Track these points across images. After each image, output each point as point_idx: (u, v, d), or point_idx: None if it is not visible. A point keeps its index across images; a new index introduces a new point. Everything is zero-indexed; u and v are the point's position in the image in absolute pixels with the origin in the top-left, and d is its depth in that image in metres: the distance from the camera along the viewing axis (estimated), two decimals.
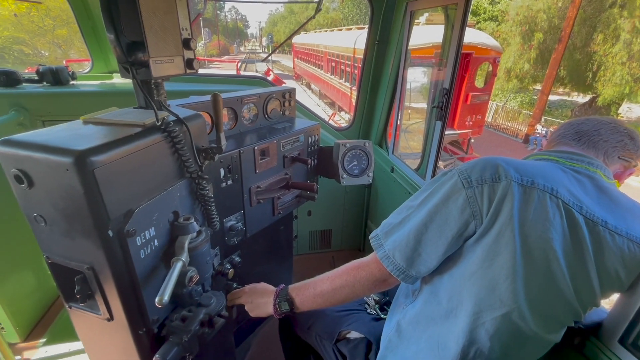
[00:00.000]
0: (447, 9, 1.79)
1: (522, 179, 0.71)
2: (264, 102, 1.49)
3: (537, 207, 0.69)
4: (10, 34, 13.55)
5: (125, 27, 0.80)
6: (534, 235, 0.69)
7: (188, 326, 0.94)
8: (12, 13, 12.40)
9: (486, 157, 0.77)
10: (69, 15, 13.45)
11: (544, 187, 0.70)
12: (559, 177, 0.74)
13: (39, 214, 0.76)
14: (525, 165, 0.74)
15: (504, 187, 0.70)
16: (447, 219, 0.73)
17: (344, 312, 1.16)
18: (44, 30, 14.26)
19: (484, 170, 0.73)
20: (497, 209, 0.70)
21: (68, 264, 0.81)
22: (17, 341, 1.83)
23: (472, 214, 0.71)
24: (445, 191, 0.75)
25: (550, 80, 12.64)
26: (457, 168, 0.76)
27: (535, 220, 0.69)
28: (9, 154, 0.71)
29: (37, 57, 14.48)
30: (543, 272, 0.70)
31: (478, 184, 0.72)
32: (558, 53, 12.20)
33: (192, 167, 0.94)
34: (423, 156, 2.00)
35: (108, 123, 0.85)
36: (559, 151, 0.86)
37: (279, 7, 65.77)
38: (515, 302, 0.71)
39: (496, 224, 0.70)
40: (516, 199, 0.69)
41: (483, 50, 7.88)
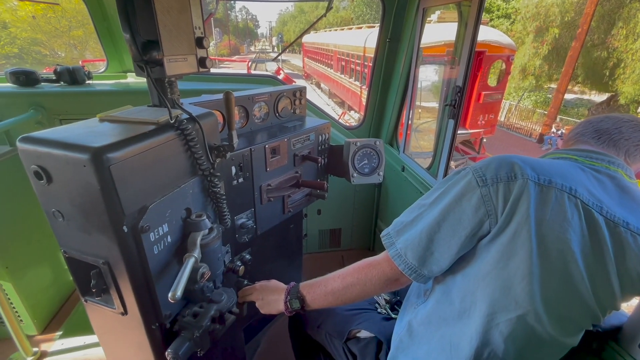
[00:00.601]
0: (460, 5, 1.76)
1: (539, 178, 0.69)
2: (274, 100, 1.49)
3: (554, 207, 0.67)
4: (29, 36, 13.97)
5: (140, 27, 0.81)
6: (552, 236, 0.67)
7: (199, 322, 0.95)
8: (30, 15, 12.77)
9: (501, 155, 0.75)
10: (84, 16, 13.80)
11: (562, 186, 0.68)
12: (578, 177, 0.72)
13: (57, 209, 0.78)
14: (542, 164, 0.72)
15: (520, 186, 0.68)
16: (461, 217, 0.72)
17: (354, 311, 1.16)
18: (61, 31, 14.65)
19: (499, 168, 0.71)
20: (512, 208, 0.68)
21: (84, 258, 0.83)
22: (34, 333, 1.89)
23: (487, 212, 0.70)
24: (459, 190, 0.73)
25: (567, 78, 12.30)
26: (471, 166, 0.75)
27: (553, 221, 0.67)
28: (29, 151, 0.73)
29: (53, 57, 14.90)
30: (560, 274, 0.68)
31: (493, 182, 0.70)
32: (575, 50, 11.87)
33: (204, 164, 0.95)
34: (435, 155, 1.97)
35: (123, 121, 0.87)
36: (578, 150, 0.84)
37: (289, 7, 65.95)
38: (531, 304, 0.69)
39: (512, 223, 0.68)
40: (533, 198, 0.67)
41: (496, 48, 7.74)
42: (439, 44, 6.80)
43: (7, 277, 1.69)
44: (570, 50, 12.20)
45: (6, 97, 1.93)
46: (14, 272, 1.73)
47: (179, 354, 0.90)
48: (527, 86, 16.21)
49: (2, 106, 1.92)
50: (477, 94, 8.01)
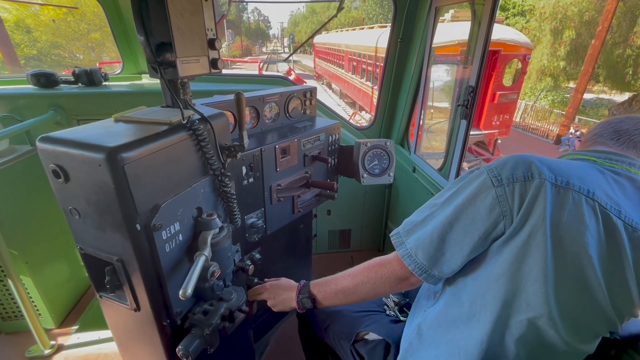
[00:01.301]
0: (474, 4, 1.73)
1: (556, 179, 0.66)
2: (285, 101, 1.50)
3: (571, 209, 0.65)
4: (49, 39, 14.47)
5: (154, 29, 0.83)
6: (568, 239, 0.65)
7: (209, 319, 0.96)
8: (51, 19, 13.23)
9: (518, 154, 0.73)
10: (101, 20, 14.23)
11: (580, 188, 0.66)
12: (596, 179, 0.70)
13: (73, 207, 0.80)
14: (560, 165, 0.70)
15: (537, 186, 0.66)
16: (474, 218, 0.71)
17: (362, 312, 1.15)
18: (79, 34, 15.14)
19: (515, 168, 0.69)
20: (528, 208, 0.66)
21: (99, 255, 0.85)
22: (52, 327, 1.95)
23: (502, 213, 0.68)
24: (473, 189, 0.71)
25: (586, 78, 11.91)
26: (485, 166, 0.73)
27: (570, 223, 0.65)
28: (47, 150, 0.75)
29: (72, 59, 15.39)
30: (576, 278, 0.67)
31: (509, 183, 0.68)
32: (595, 49, 11.48)
33: (215, 164, 0.97)
34: (447, 156, 1.95)
35: (137, 121, 0.89)
36: (597, 151, 0.81)
37: (300, 8, 66.18)
38: (544, 308, 0.68)
39: (527, 224, 0.66)
40: (549, 200, 0.65)
41: (512, 47, 7.56)
42: (453, 43, 6.70)
43: (26, 272, 1.76)
44: (590, 48, 11.81)
45: (27, 99, 2.00)
46: (33, 267, 1.79)
47: (189, 351, 0.91)
48: (543, 86, 15.78)
49: (24, 107, 1.99)
50: (492, 94, 7.85)
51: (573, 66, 14.72)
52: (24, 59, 13.61)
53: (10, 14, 12.69)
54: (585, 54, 12.39)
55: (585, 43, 13.57)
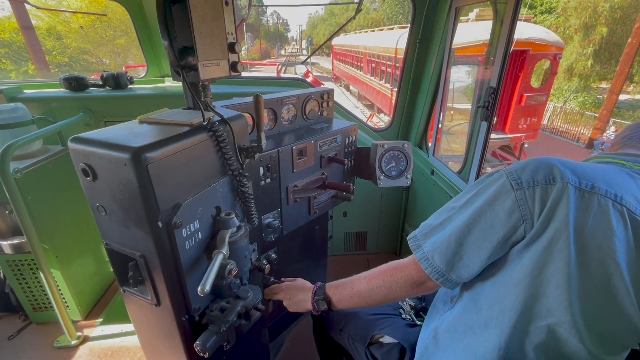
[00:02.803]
0: (496, 3, 1.69)
1: (580, 182, 0.64)
2: (302, 103, 1.51)
3: (597, 214, 0.62)
4: (78, 45, 15.19)
5: (178, 34, 0.86)
6: (593, 245, 0.62)
7: (226, 317, 0.98)
8: (79, 26, 13.89)
9: (539, 157, 0.71)
10: (127, 26, 14.83)
11: (607, 192, 0.63)
12: (625, 182, 0.66)
13: (100, 204, 0.84)
14: (584, 168, 0.67)
15: (559, 190, 0.64)
16: (493, 222, 0.69)
17: (378, 315, 1.15)
18: (106, 40, 15.81)
19: (536, 171, 0.67)
20: (550, 213, 0.64)
21: (123, 251, 0.89)
22: (78, 319, 2.05)
23: (522, 217, 0.66)
24: (492, 192, 0.70)
25: (622, 78, 11.22)
26: (505, 169, 0.71)
27: (595, 229, 0.62)
28: (78, 150, 0.79)
29: (99, 64, 16.10)
30: (602, 286, 0.64)
31: (529, 186, 0.66)
32: (632, 47, 10.81)
33: (234, 164, 0.99)
34: (466, 158, 1.91)
35: (160, 122, 0.92)
36: (626, 154, 0.77)
37: (319, 10, 66.53)
38: (565, 315, 0.65)
39: (549, 229, 0.64)
40: (573, 204, 0.62)
41: (541, 47, 7.15)
42: (478, 43, 6.46)
43: (56, 265, 1.85)
44: (626, 47, 11.15)
45: (60, 101, 2.12)
46: (63, 261, 1.89)
47: (206, 347, 0.94)
48: (572, 86, 15.05)
49: (56, 109, 2.10)
50: (519, 96, 7.51)
51: (605, 65, 13.97)
52: (57, 67, 14.32)
53: (42, 21, 13.42)
54: (617, 53, 11.73)
55: (618, 41, 12.87)
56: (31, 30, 5.47)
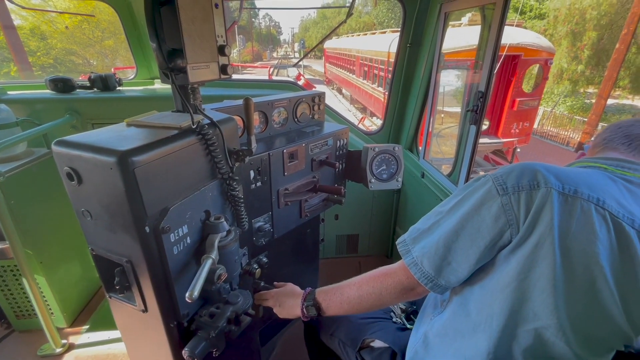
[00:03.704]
0: (484, 9, 1.72)
1: (563, 187, 0.65)
2: (293, 106, 1.51)
3: (580, 218, 0.63)
4: (64, 46, 14.85)
5: (166, 36, 0.85)
6: (577, 249, 0.63)
7: (216, 322, 0.97)
8: (64, 27, 13.59)
9: (524, 162, 0.72)
10: (115, 27, 14.54)
11: (589, 197, 0.64)
12: (607, 187, 0.68)
13: (86, 209, 0.82)
14: (567, 173, 0.69)
15: (543, 195, 0.65)
16: (480, 227, 0.70)
17: (368, 319, 1.14)
18: (94, 41, 15.50)
19: (521, 176, 0.68)
20: (534, 218, 0.65)
21: (109, 256, 0.87)
22: (63, 326, 1.99)
23: (508, 222, 0.67)
24: (479, 197, 0.71)
25: (610, 83, 11.47)
26: (491, 174, 0.72)
27: (579, 233, 0.63)
28: (62, 153, 0.78)
29: (86, 66, 15.75)
30: (587, 289, 0.65)
31: (514, 191, 0.67)
32: (620, 53, 11.06)
33: (223, 168, 0.98)
34: (456, 161, 1.93)
35: (148, 125, 0.91)
36: (608, 158, 0.79)
37: (311, 13, 66.78)
38: (552, 318, 0.66)
39: (534, 234, 0.65)
40: (556, 209, 0.64)
41: (533, 52, 7.23)
42: (470, 48, 6.48)
43: (41, 271, 1.80)
44: (614, 52, 11.41)
45: (45, 103, 2.07)
46: (47, 267, 1.84)
47: (195, 353, 0.92)
48: (561, 91, 15.35)
49: (42, 111, 2.06)
50: (511, 101, 7.57)
51: (593, 70, 14.28)
52: (40, 68, 13.90)
53: (26, 21, 13.05)
54: (605, 58, 11.98)
55: (605, 47, 13.16)
56: (12, 30, 5.31)
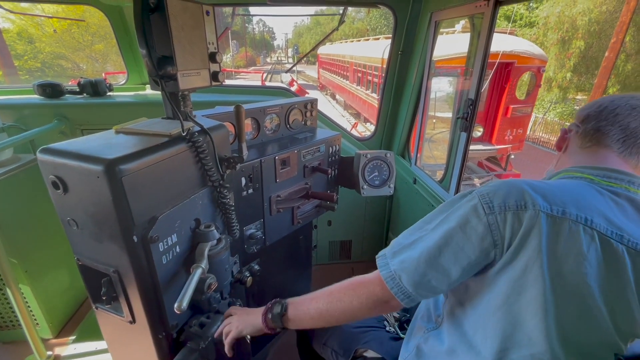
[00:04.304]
0: (473, 18, 1.75)
1: (551, 209, 0.64)
2: (286, 112, 1.51)
3: (568, 239, 0.63)
4: (52, 50, 14.60)
5: (156, 43, 0.84)
6: (566, 271, 0.63)
7: (206, 332, 0.95)
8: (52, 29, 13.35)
9: (510, 180, 0.70)
10: (106, 31, 14.35)
11: (577, 217, 0.63)
12: (595, 202, 0.66)
13: (72, 217, 0.81)
14: (554, 190, 0.67)
15: (531, 218, 0.63)
16: (464, 245, 0.68)
17: (361, 328, 1.13)
18: (83, 45, 15.27)
19: (507, 195, 0.67)
20: (522, 241, 0.64)
21: (96, 266, 0.85)
22: (49, 337, 1.93)
23: (493, 242, 0.66)
24: (464, 215, 0.69)
25: (600, 90, 11.69)
26: (477, 190, 0.71)
27: (567, 255, 0.63)
28: (47, 162, 0.76)
29: (75, 70, 15.46)
30: (577, 310, 0.65)
31: (501, 211, 0.66)
32: (609, 61, 11.30)
33: (214, 175, 0.97)
34: (447, 168, 1.94)
35: (137, 133, 0.89)
36: (594, 167, 0.76)
37: (305, 19, 67.32)
38: (546, 343, 0.65)
39: (521, 257, 0.64)
40: (544, 232, 0.62)
41: (526, 59, 7.31)
42: (461, 55, 6.49)
43: (26, 281, 1.75)
44: (603, 60, 11.67)
45: (33, 108, 2.04)
46: (33, 276, 1.79)
47: None
48: (551, 98, 15.63)
49: (29, 116, 2.02)
50: (505, 108, 7.62)
51: (582, 78, 14.56)
52: (27, 72, 13.55)
53: (13, 24, 12.80)
54: (593, 66, 12.19)
55: (594, 55, 13.42)
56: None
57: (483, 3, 1.38)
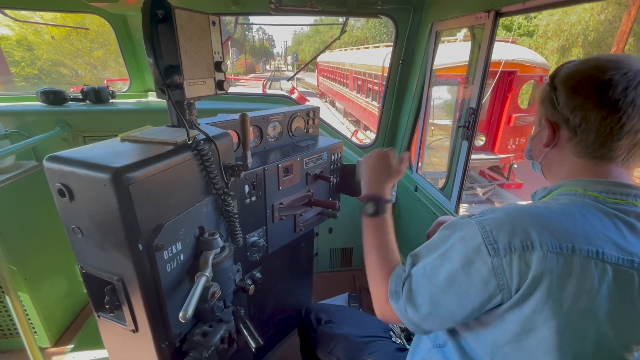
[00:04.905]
0: (473, 28, 1.78)
1: (560, 246, 0.59)
2: (288, 120, 1.52)
3: (580, 277, 0.59)
4: (50, 57, 14.57)
5: (163, 52, 0.85)
6: (578, 308, 0.60)
7: (208, 342, 0.94)
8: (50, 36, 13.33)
9: (513, 211, 0.65)
10: (105, 38, 14.30)
11: (588, 252, 0.59)
12: (603, 229, 0.61)
13: (76, 225, 0.81)
14: (560, 221, 0.62)
15: (540, 262, 0.59)
16: (468, 289, 0.65)
17: (367, 338, 1.13)
18: (82, 52, 15.23)
19: (512, 234, 0.61)
20: (531, 286, 0.60)
21: (100, 274, 0.85)
22: (47, 346, 1.91)
23: (499, 287, 0.62)
24: (467, 254, 0.65)
25: None
26: (478, 221, 0.65)
27: (579, 292, 0.59)
28: (54, 169, 0.76)
29: (73, 77, 15.35)
30: (590, 343, 0.62)
31: (506, 253, 0.61)
32: None
33: (218, 183, 0.97)
34: (448, 176, 1.95)
35: (143, 141, 0.90)
36: (599, 182, 0.67)
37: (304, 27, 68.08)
38: None
39: (531, 300, 0.61)
40: (555, 274, 0.59)
41: (528, 68, 7.29)
42: (461, 64, 6.39)
43: (25, 288, 1.74)
44: None
45: (35, 115, 2.04)
46: (32, 283, 1.77)
47: None
48: None
49: (32, 123, 2.03)
50: (508, 117, 7.53)
51: None
52: (24, 80, 13.41)
53: (13, 31, 12.75)
54: None
55: None
56: None
57: (484, 14, 1.40)
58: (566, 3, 1.14)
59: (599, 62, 0.65)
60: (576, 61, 0.71)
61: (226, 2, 1.99)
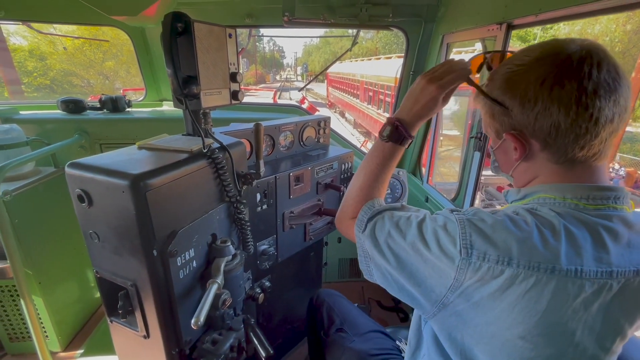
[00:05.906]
0: (484, 40, 1.79)
1: (539, 267, 0.57)
2: (300, 130, 1.54)
3: (555, 294, 0.57)
4: (62, 67, 14.78)
5: (182, 64, 0.88)
6: (553, 322, 0.59)
7: (218, 350, 0.94)
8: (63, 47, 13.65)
9: (499, 218, 0.62)
10: (117, 49, 14.56)
11: (567, 271, 0.57)
12: (584, 243, 0.58)
13: (94, 231, 0.83)
14: (546, 238, 0.58)
15: (511, 278, 0.58)
16: (421, 269, 0.66)
17: (376, 355, 1.10)
18: (95, 62, 15.51)
19: (492, 244, 0.59)
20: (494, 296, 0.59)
21: (114, 279, 0.86)
22: (58, 350, 1.93)
23: (452, 285, 0.62)
24: (439, 243, 0.63)
25: None
26: (467, 217, 0.63)
27: (554, 309, 0.58)
28: (75, 176, 0.79)
29: (85, 87, 15.56)
30: (568, 353, 0.61)
31: (477, 260, 0.59)
32: (637, 81, 11.15)
33: (232, 191, 0.99)
34: (460, 187, 1.93)
35: (160, 149, 0.92)
36: (577, 187, 0.63)
37: (314, 39, 69.19)
38: None
39: (487, 309, 0.61)
40: (522, 289, 0.58)
41: None
42: None
43: (38, 292, 1.77)
44: (631, 81, 11.54)
45: (55, 123, 2.12)
46: (45, 287, 1.80)
47: None
48: None
49: (52, 131, 2.10)
50: None
51: None
52: (35, 90, 13.61)
53: (27, 40, 13.01)
54: None
55: None
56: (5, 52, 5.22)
57: (495, 27, 1.41)
58: (580, 16, 1.14)
59: (536, 58, 0.62)
60: (508, 64, 0.66)
61: (241, 15, 2.05)
